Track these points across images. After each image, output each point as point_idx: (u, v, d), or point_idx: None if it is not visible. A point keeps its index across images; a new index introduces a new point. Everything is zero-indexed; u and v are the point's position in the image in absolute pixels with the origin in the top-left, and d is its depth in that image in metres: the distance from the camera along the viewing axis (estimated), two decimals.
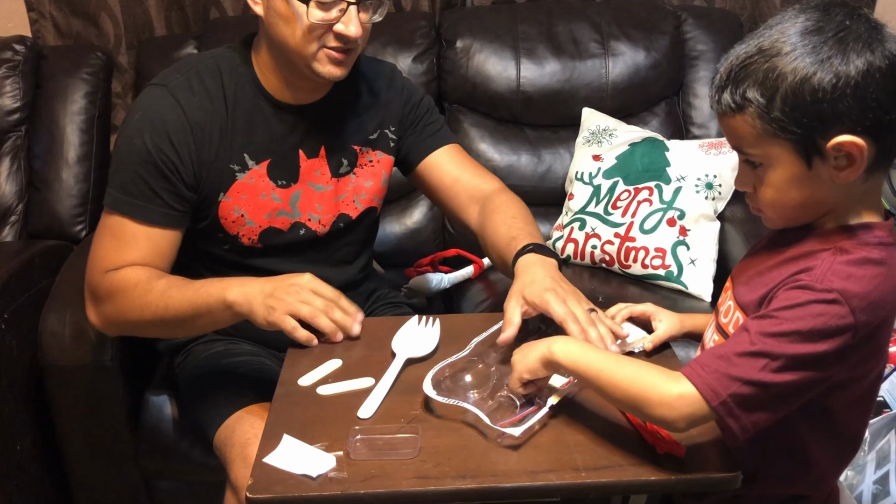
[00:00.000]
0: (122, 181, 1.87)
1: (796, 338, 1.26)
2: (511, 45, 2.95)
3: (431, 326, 1.76)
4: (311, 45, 1.81)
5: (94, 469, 2.35)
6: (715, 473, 1.37)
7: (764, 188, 1.34)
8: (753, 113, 1.28)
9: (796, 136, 1.27)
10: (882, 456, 2.32)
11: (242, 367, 2.03)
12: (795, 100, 1.24)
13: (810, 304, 1.27)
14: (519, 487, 1.34)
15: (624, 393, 1.35)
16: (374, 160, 2.09)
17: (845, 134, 1.25)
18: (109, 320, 1.91)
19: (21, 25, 3.06)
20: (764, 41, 1.28)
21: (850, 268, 1.29)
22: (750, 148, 1.32)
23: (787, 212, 1.36)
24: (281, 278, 1.75)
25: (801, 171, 1.29)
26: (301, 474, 1.34)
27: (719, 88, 1.32)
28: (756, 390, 1.28)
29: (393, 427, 1.45)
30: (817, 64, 1.23)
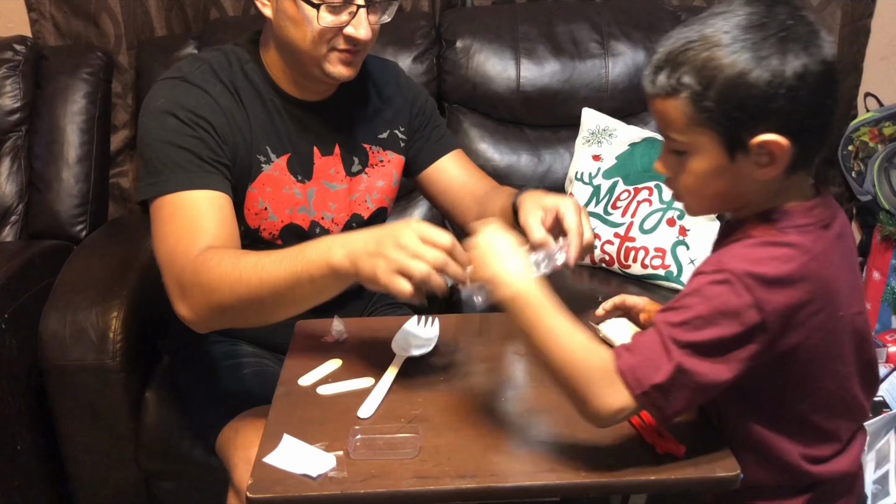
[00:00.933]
0: (166, 161, 1.77)
1: (699, 322, 1.28)
2: (511, 45, 2.95)
3: (430, 326, 1.76)
4: (321, 47, 1.80)
5: (94, 469, 2.35)
6: (714, 473, 1.37)
7: (685, 175, 1.36)
8: (686, 99, 1.29)
9: (723, 128, 1.28)
10: (882, 456, 2.32)
11: (244, 368, 2.03)
12: (729, 92, 1.26)
13: (704, 287, 1.30)
14: (519, 487, 1.35)
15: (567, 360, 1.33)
16: (385, 160, 2.07)
17: (770, 133, 1.27)
18: (203, 309, 1.68)
19: (21, 25, 3.06)
20: (706, 29, 1.28)
21: (749, 250, 1.32)
22: (677, 134, 1.33)
23: (705, 201, 1.39)
24: (386, 228, 1.52)
25: (724, 163, 1.31)
26: (301, 474, 1.35)
27: (656, 69, 1.32)
28: (672, 379, 1.29)
29: (393, 427, 1.45)
30: (755, 60, 1.24)
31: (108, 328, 2.22)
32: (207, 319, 1.71)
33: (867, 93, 3.22)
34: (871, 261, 3.24)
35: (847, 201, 3.36)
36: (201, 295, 1.65)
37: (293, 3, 1.78)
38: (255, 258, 1.62)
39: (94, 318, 2.22)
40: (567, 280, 2.68)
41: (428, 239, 1.48)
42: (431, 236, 1.48)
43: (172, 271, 1.71)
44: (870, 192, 3.18)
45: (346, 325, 1.79)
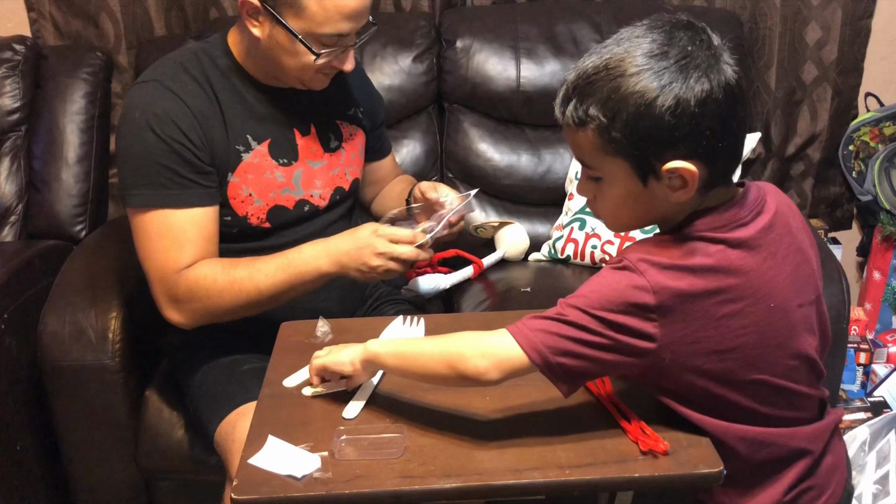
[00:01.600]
0: (147, 178, 1.91)
1: (595, 302, 1.33)
2: (511, 45, 2.95)
3: (416, 326, 1.78)
4: (307, 72, 1.95)
5: (94, 469, 2.35)
6: (697, 470, 1.37)
7: (602, 200, 1.41)
8: (594, 130, 1.32)
9: (633, 157, 1.32)
10: (882, 456, 2.32)
11: (243, 364, 2.06)
12: (635, 123, 1.28)
13: (604, 273, 1.37)
14: (504, 485, 1.35)
15: (441, 357, 1.42)
16: (353, 133, 2.21)
17: (679, 160, 1.30)
18: (198, 315, 1.98)
19: (21, 25, 3.07)
20: (611, 59, 1.31)
21: (649, 245, 1.38)
22: (590, 161, 1.37)
23: (623, 222, 1.47)
24: (360, 236, 1.91)
25: (637, 189, 1.35)
26: (286, 475, 1.35)
27: (565, 100, 1.36)
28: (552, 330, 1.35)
29: (378, 427, 1.46)
30: (659, 89, 1.27)
31: (107, 328, 2.23)
32: (201, 323, 2.00)
33: (867, 93, 3.21)
34: (872, 261, 3.24)
35: (847, 201, 3.35)
36: (202, 308, 1.94)
37: (288, 38, 1.88)
38: (247, 270, 1.92)
39: (94, 318, 2.23)
40: (568, 280, 2.68)
41: (396, 240, 1.88)
42: (398, 237, 1.88)
43: (163, 286, 1.95)
44: (870, 191, 3.17)
45: (330, 326, 1.80)
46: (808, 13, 3.06)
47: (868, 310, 3.24)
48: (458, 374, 1.40)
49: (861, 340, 3.02)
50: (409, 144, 2.98)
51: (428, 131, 3.01)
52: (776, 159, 3.22)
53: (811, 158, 3.24)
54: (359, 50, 2.88)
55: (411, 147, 2.98)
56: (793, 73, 3.14)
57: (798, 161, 3.26)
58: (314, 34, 1.86)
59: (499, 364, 1.38)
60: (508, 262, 2.89)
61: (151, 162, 1.90)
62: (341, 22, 1.85)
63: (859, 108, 3.23)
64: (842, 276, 2.35)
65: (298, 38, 1.86)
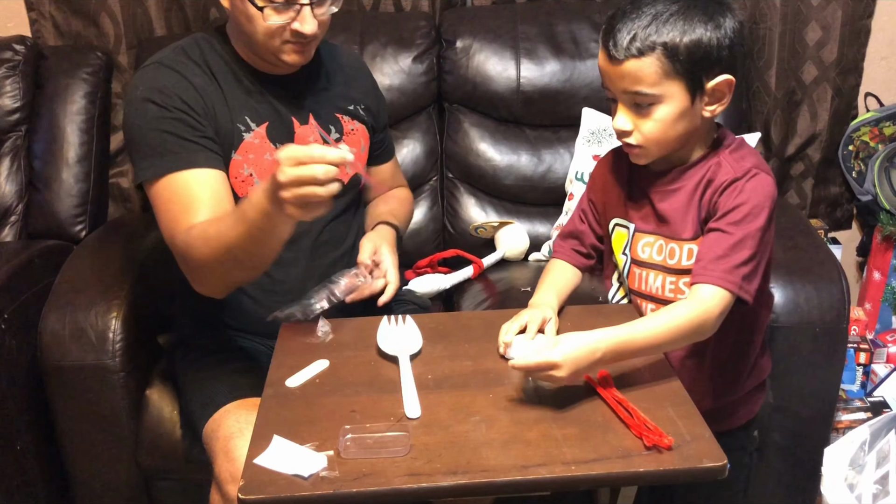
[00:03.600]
0: (152, 147, 1.91)
1: (750, 217, 1.64)
2: (511, 45, 2.95)
3: (404, 323, 1.79)
4: (272, 40, 1.94)
5: (94, 469, 2.35)
6: (702, 464, 1.38)
7: (650, 125, 1.65)
8: (661, 55, 1.59)
9: (690, 76, 1.61)
10: (882, 456, 2.32)
11: (234, 362, 2.06)
12: (694, 47, 1.59)
13: (745, 186, 1.66)
14: (510, 482, 1.35)
15: (683, 336, 1.62)
16: (355, 128, 2.20)
17: (723, 74, 1.63)
18: (199, 275, 1.87)
19: (21, 25, 3.07)
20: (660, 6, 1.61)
21: (742, 151, 1.73)
22: (649, 87, 1.61)
23: (667, 144, 1.69)
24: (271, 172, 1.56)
25: (686, 107, 1.64)
26: (293, 474, 1.35)
27: (631, 36, 1.60)
28: (750, 265, 1.64)
29: (382, 426, 1.45)
30: (712, 21, 1.60)
31: (107, 328, 2.22)
32: (209, 285, 1.90)
33: (867, 93, 3.21)
34: (871, 261, 3.24)
35: (847, 201, 3.35)
36: (198, 266, 1.84)
37: (242, 1, 1.90)
38: (216, 228, 1.76)
39: (94, 317, 2.23)
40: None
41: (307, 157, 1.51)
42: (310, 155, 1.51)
43: (177, 254, 1.89)
44: (870, 191, 3.17)
45: (331, 326, 1.81)
46: (808, 13, 3.07)
47: (868, 310, 3.24)
48: (698, 339, 1.65)
49: (861, 340, 3.03)
50: (409, 144, 2.98)
51: (428, 131, 3.01)
52: (776, 159, 3.22)
53: (811, 158, 3.25)
54: (359, 50, 2.90)
55: (411, 147, 2.98)
56: (793, 73, 3.14)
57: (798, 161, 3.26)
58: None
59: (723, 313, 1.63)
60: (508, 262, 2.89)
61: (155, 130, 1.91)
62: None
63: (859, 108, 3.24)
64: (842, 276, 2.35)
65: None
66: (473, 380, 1.62)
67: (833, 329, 2.32)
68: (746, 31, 3.05)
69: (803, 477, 2.47)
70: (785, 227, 2.57)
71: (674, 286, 1.76)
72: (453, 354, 1.70)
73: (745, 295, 1.63)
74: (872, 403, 2.89)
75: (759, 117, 3.18)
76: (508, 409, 1.52)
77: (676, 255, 1.75)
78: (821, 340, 2.33)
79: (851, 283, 2.72)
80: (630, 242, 1.82)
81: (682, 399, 1.54)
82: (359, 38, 2.93)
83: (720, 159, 1.71)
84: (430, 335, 1.77)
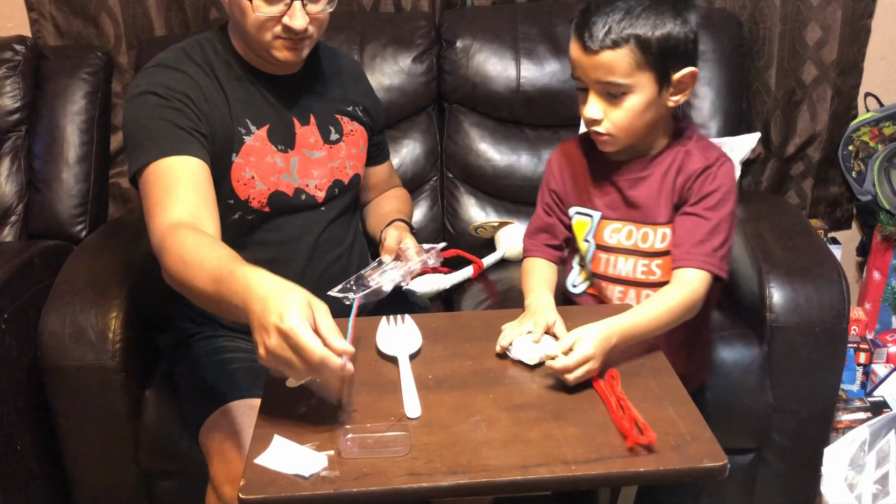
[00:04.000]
0: (146, 134, 1.91)
1: (722, 202, 1.79)
2: (511, 45, 2.95)
3: (403, 323, 1.79)
4: (264, 34, 1.94)
5: (94, 469, 2.35)
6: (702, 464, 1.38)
7: (620, 113, 1.75)
8: (634, 47, 1.69)
9: (660, 68, 1.72)
10: (882, 456, 2.32)
11: (233, 363, 2.05)
12: (665, 41, 1.70)
13: (717, 173, 1.80)
14: (511, 482, 1.35)
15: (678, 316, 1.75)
16: (354, 129, 2.22)
17: (688, 66, 1.75)
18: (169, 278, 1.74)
19: (21, 25, 3.07)
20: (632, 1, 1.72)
21: (706, 141, 1.88)
22: (622, 78, 1.72)
23: (634, 131, 1.79)
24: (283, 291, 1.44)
25: (654, 97, 1.75)
26: (293, 474, 1.35)
27: (607, 27, 1.69)
28: (725, 247, 1.79)
29: (383, 426, 1.45)
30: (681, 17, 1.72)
31: (107, 328, 2.22)
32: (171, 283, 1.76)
33: (867, 93, 3.21)
34: (871, 261, 3.24)
35: (847, 201, 3.36)
36: (165, 272, 1.74)
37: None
38: (195, 258, 1.63)
39: (94, 318, 2.23)
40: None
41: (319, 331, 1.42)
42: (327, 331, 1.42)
43: (151, 239, 1.82)
44: (870, 191, 3.17)
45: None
46: (808, 13, 3.07)
47: (868, 310, 3.24)
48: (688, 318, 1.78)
49: (861, 340, 3.03)
50: (409, 144, 2.98)
51: (428, 131, 3.01)
52: (776, 159, 3.23)
53: (811, 158, 3.25)
54: (359, 50, 2.90)
55: (411, 147, 2.98)
56: (793, 74, 3.14)
57: (798, 161, 3.26)
58: None
59: (706, 293, 1.78)
60: (508, 261, 2.89)
61: (151, 118, 1.91)
62: None
63: (859, 108, 3.24)
64: (841, 276, 2.35)
65: None
66: (473, 380, 1.61)
67: (833, 329, 2.32)
68: (746, 31, 3.06)
69: (803, 477, 2.47)
70: (785, 227, 2.57)
71: (646, 268, 1.89)
72: (453, 354, 1.70)
73: (723, 274, 1.79)
74: (872, 403, 2.89)
75: (759, 117, 3.19)
76: (508, 409, 1.51)
77: (650, 239, 1.87)
78: (821, 340, 2.33)
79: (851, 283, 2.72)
80: (594, 229, 1.92)
81: (682, 399, 1.54)
82: (359, 38, 2.93)
83: (689, 148, 1.84)
84: (430, 335, 1.76)
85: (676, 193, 1.83)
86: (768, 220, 2.63)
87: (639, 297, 1.91)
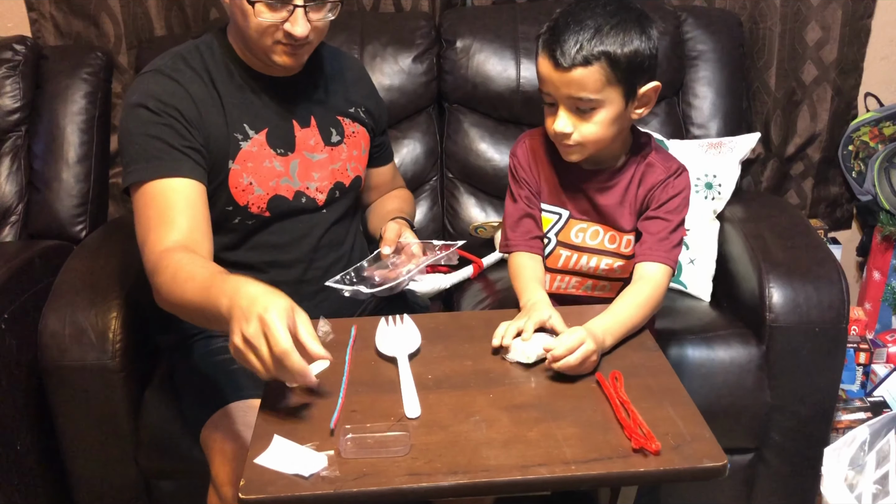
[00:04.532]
0: (139, 151, 1.91)
1: (681, 206, 1.92)
2: (511, 45, 2.95)
3: (402, 323, 1.79)
4: (265, 39, 1.93)
5: (94, 469, 2.35)
6: (702, 464, 1.39)
7: (591, 126, 1.80)
8: (605, 64, 1.74)
9: (627, 84, 1.78)
10: (882, 456, 2.31)
11: (232, 363, 2.03)
12: (633, 57, 1.76)
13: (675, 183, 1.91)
14: (510, 482, 1.36)
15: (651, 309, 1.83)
16: (356, 131, 2.21)
17: (653, 81, 1.82)
18: (159, 299, 1.82)
19: (21, 25, 3.07)
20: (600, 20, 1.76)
21: (664, 152, 1.96)
22: (593, 94, 1.76)
23: (601, 143, 1.84)
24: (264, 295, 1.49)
25: (621, 110, 1.80)
26: (293, 474, 1.35)
27: (578, 46, 1.73)
28: (680, 245, 1.92)
29: (382, 426, 1.45)
30: (640, 38, 1.77)
31: (107, 328, 2.22)
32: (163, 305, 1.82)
33: (867, 93, 3.22)
34: (871, 261, 3.24)
35: (847, 201, 3.36)
36: (157, 293, 1.80)
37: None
38: (186, 273, 1.69)
39: (94, 318, 2.23)
40: None
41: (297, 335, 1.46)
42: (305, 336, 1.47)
43: (145, 261, 1.86)
44: (870, 192, 3.17)
45: (331, 326, 1.80)
46: (808, 13, 3.07)
47: (868, 310, 3.24)
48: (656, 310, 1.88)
49: (861, 340, 3.03)
50: (409, 144, 2.98)
51: (428, 131, 3.01)
52: (776, 159, 3.23)
53: (811, 158, 3.25)
54: (359, 50, 2.90)
55: (411, 147, 2.98)
56: (793, 73, 3.14)
57: (798, 161, 3.26)
58: None
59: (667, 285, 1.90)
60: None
61: (144, 135, 1.91)
62: None
63: (859, 108, 3.24)
64: (841, 276, 2.35)
65: None
66: (473, 380, 1.61)
67: (833, 329, 2.33)
68: (746, 31, 3.06)
69: (803, 477, 2.47)
70: (785, 227, 2.58)
71: (608, 267, 2.00)
72: (453, 354, 1.70)
73: (675, 266, 1.92)
74: (872, 403, 2.89)
75: (759, 117, 3.19)
76: (508, 409, 1.52)
77: (617, 242, 1.97)
78: (821, 340, 2.33)
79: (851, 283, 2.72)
80: (560, 227, 1.99)
81: (682, 399, 1.54)
82: (359, 38, 2.93)
83: (650, 160, 1.93)
84: (430, 335, 1.76)
85: (639, 202, 1.93)
86: (768, 220, 2.63)
87: (594, 287, 2.05)
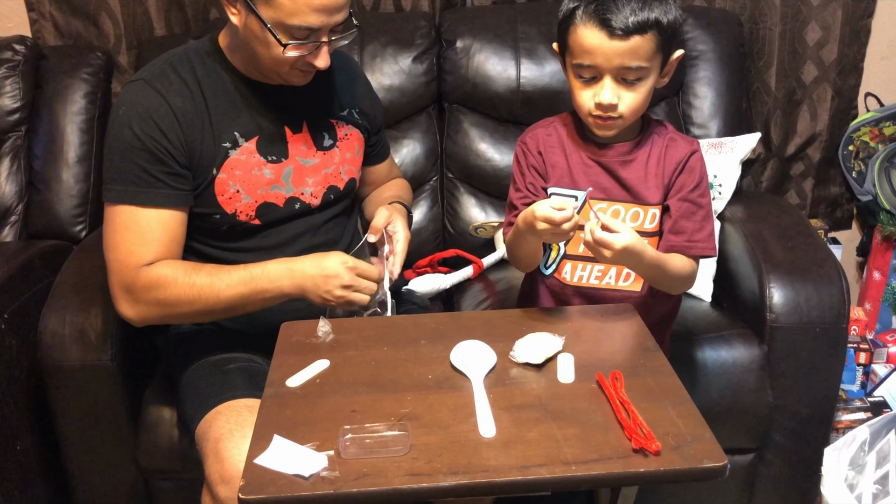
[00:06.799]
0: (120, 173, 1.94)
1: (705, 187, 1.93)
2: (511, 45, 2.95)
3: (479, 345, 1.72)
4: (282, 66, 1.94)
5: (94, 469, 2.35)
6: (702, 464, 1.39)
7: (635, 97, 1.82)
8: (656, 32, 1.77)
9: (666, 51, 1.82)
10: (882, 456, 2.31)
11: (228, 364, 2.06)
12: (674, 25, 1.80)
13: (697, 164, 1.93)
14: (511, 482, 1.36)
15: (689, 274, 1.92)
16: (349, 133, 2.21)
17: (680, 49, 1.87)
18: (151, 313, 2.00)
19: (21, 25, 3.07)
20: None
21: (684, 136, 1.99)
22: (645, 61, 1.79)
23: (639, 114, 1.89)
24: (327, 265, 1.93)
25: (657, 78, 1.85)
26: (293, 474, 1.35)
27: (633, 13, 1.74)
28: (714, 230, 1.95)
29: (382, 426, 1.45)
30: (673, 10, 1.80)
31: (107, 328, 2.22)
32: (151, 321, 2.03)
33: (867, 93, 3.22)
34: (871, 261, 3.24)
35: (847, 201, 3.35)
36: (156, 306, 1.97)
37: (260, 27, 1.88)
38: (209, 278, 1.95)
39: (94, 318, 2.23)
40: None
41: (363, 273, 1.95)
42: (365, 272, 1.95)
43: (121, 279, 1.98)
44: (870, 191, 3.17)
45: (331, 326, 1.80)
46: (808, 13, 3.07)
47: (868, 310, 3.24)
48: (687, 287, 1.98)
49: (861, 340, 3.03)
50: (409, 144, 2.98)
51: (428, 131, 3.01)
52: (776, 159, 3.23)
53: (811, 158, 3.25)
54: (359, 50, 2.90)
55: (411, 147, 2.98)
56: (793, 73, 3.14)
57: (798, 161, 3.26)
58: (284, 24, 1.85)
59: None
60: (508, 261, 2.89)
61: (125, 158, 1.93)
62: (311, 15, 1.84)
63: (859, 108, 3.24)
64: (842, 276, 2.35)
65: (268, 27, 1.86)
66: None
67: (833, 329, 2.33)
68: (746, 31, 3.06)
69: (803, 477, 2.48)
70: (785, 227, 2.58)
71: None
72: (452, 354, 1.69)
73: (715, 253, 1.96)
74: (872, 403, 2.89)
75: (759, 117, 3.19)
76: (508, 409, 1.51)
77: (640, 218, 1.93)
78: (821, 340, 2.33)
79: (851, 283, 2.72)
80: (580, 208, 1.88)
81: (682, 399, 1.54)
82: (359, 38, 2.93)
83: (670, 133, 1.96)
84: (430, 335, 1.76)
85: (667, 176, 1.92)
86: (768, 220, 2.64)
87: (619, 276, 1.98)
